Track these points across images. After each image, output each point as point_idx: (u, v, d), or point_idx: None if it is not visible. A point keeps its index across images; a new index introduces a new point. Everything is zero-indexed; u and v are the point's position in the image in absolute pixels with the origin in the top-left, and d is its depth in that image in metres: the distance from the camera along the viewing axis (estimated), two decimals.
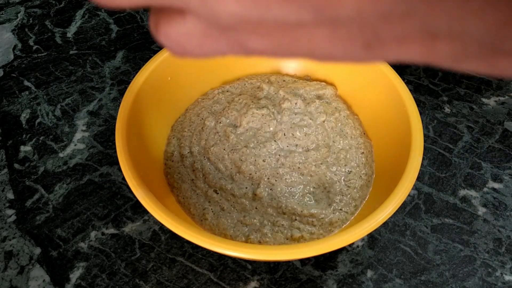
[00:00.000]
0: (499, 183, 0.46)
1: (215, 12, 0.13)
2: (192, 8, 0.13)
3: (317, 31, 0.13)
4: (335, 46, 0.14)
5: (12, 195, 0.45)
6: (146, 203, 0.34)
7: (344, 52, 0.14)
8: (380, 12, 0.12)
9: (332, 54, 0.14)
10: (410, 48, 0.13)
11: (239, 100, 0.47)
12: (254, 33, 0.14)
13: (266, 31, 0.14)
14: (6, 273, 0.40)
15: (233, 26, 0.14)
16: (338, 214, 0.39)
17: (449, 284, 0.39)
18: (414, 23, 0.13)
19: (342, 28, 0.13)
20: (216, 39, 0.15)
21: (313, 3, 0.12)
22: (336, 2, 0.12)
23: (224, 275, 0.40)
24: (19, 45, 0.60)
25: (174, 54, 0.16)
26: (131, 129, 0.39)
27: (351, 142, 0.44)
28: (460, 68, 0.14)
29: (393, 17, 0.12)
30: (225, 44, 0.15)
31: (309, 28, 0.13)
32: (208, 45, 0.15)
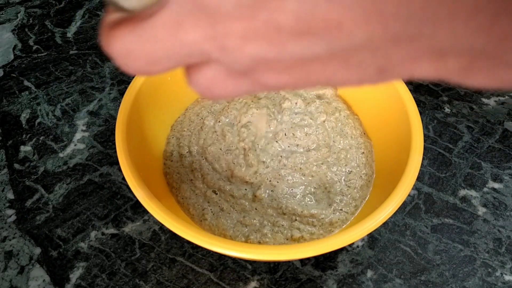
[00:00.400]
0: (499, 183, 0.46)
1: (234, 58, 0.14)
2: (214, 58, 0.15)
3: (332, 61, 0.14)
4: (350, 74, 0.15)
5: (12, 195, 0.45)
6: (146, 203, 0.34)
7: (359, 78, 0.15)
8: (390, 37, 0.13)
9: (349, 80, 0.15)
10: (421, 66, 0.14)
11: (239, 100, 0.47)
12: (272, 71, 0.15)
13: (283, 67, 0.15)
14: (6, 273, 0.40)
15: (252, 67, 0.15)
16: (338, 214, 0.39)
17: (449, 284, 0.39)
18: (423, 44, 0.13)
19: (355, 56, 0.14)
20: (238, 80, 0.16)
21: (325, 36, 0.13)
22: (347, 32, 0.13)
23: (224, 275, 0.40)
24: (19, 45, 0.60)
25: (204, 97, 0.18)
26: (131, 129, 0.39)
27: (351, 142, 0.44)
28: (469, 83, 0.15)
29: (402, 40, 0.13)
30: (246, 84, 0.16)
31: (324, 59, 0.14)
32: (232, 86, 0.16)
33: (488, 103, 0.53)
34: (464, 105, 0.53)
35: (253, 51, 0.14)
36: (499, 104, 0.53)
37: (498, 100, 0.53)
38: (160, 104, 0.45)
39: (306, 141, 0.43)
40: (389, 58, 0.14)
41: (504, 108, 0.52)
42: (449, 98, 0.53)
